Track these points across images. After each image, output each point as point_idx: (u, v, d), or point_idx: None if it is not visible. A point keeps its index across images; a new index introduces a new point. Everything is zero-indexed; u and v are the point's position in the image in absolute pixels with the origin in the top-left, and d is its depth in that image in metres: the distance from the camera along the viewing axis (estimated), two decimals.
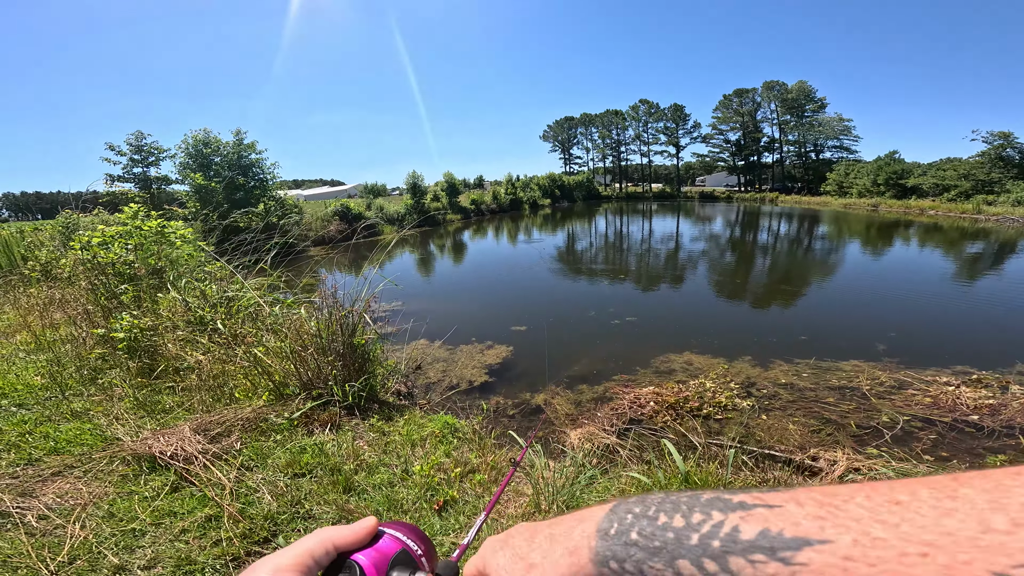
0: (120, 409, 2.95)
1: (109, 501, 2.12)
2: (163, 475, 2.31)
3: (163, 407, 3.10)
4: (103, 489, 2.18)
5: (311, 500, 2.27)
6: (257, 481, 2.32)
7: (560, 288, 10.48)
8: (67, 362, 3.65)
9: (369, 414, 3.43)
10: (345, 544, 0.43)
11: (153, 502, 2.12)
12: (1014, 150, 33.50)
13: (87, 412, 2.98)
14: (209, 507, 2.11)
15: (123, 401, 3.11)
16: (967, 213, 29.10)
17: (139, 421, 2.83)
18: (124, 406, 3.02)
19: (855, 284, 10.22)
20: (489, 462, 2.84)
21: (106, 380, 3.45)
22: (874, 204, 37.50)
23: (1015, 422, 3.86)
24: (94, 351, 3.69)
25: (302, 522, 2.12)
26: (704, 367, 5.28)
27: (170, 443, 2.33)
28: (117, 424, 2.75)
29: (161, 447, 2.31)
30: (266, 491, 2.24)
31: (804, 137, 58.02)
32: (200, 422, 2.62)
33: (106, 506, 2.09)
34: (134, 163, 17.87)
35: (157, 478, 2.29)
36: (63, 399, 3.14)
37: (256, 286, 4.39)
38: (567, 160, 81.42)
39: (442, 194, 33.11)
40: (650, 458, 3.03)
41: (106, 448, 2.45)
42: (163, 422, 2.85)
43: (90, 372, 3.55)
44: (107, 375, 3.53)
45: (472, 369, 5.41)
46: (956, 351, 5.64)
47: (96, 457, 2.37)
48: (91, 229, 4.84)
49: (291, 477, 2.45)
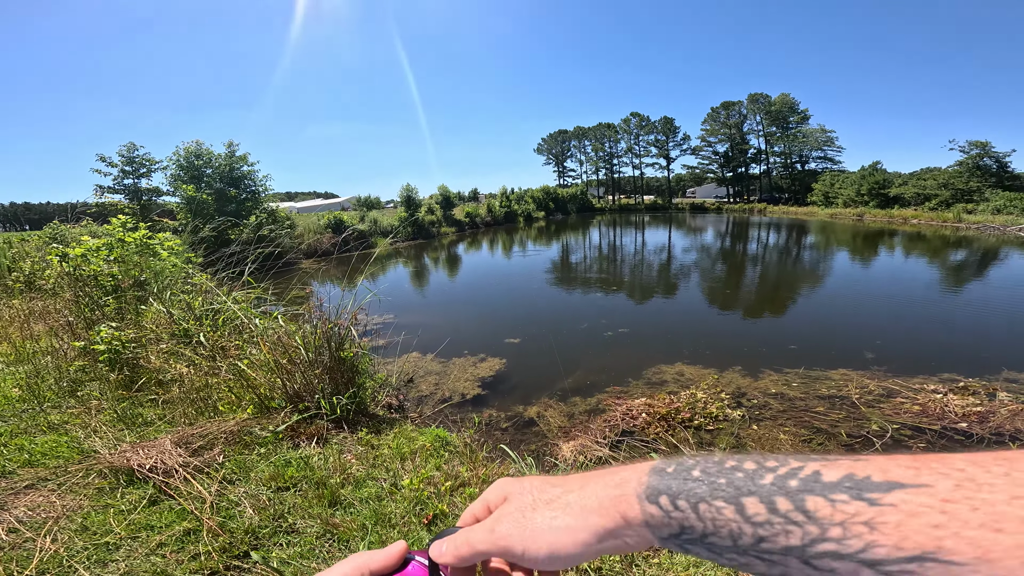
0: (99, 422, 2.88)
1: (83, 514, 2.06)
2: (141, 488, 2.25)
3: (144, 420, 3.03)
4: (77, 502, 2.12)
5: (295, 514, 2.21)
6: (239, 494, 2.27)
7: (554, 300, 10.50)
8: (46, 374, 3.57)
9: (358, 427, 3.38)
10: (379, 569, 0.42)
11: (129, 515, 2.06)
12: (991, 159, 34.39)
13: (64, 424, 2.90)
14: (188, 520, 2.05)
15: (102, 414, 3.04)
16: (948, 222, 29.70)
17: (118, 434, 2.76)
18: (103, 419, 2.95)
19: (842, 293, 10.35)
20: (480, 475, 2.80)
21: (85, 392, 3.37)
22: (859, 214, 38.18)
23: (1004, 429, 3.89)
24: (74, 363, 3.61)
25: (284, 536, 2.06)
26: (695, 378, 5.29)
27: (149, 456, 2.27)
28: (95, 437, 2.68)
29: (140, 460, 2.25)
30: (248, 504, 2.18)
31: (789, 148, 59.29)
32: (182, 435, 2.56)
33: (80, 519, 2.03)
34: (125, 174, 17.79)
35: (135, 491, 2.23)
36: (40, 411, 3.06)
37: (241, 298, 4.34)
38: (561, 173, 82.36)
39: (436, 207, 33.23)
40: None
41: (82, 461, 2.39)
42: (143, 435, 2.78)
43: (69, 384, 3.47)
44: (87, 387, 3.46)
45: (465, 382, 5.37)
46: (942, 359, 5.70)
47: (72, 470, 2.31)
48: (75, 241, 4.79)
49: (274, 491, 2.39)
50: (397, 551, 0.44)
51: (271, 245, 4.88)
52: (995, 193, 31.29)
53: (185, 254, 5.70)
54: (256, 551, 1.95)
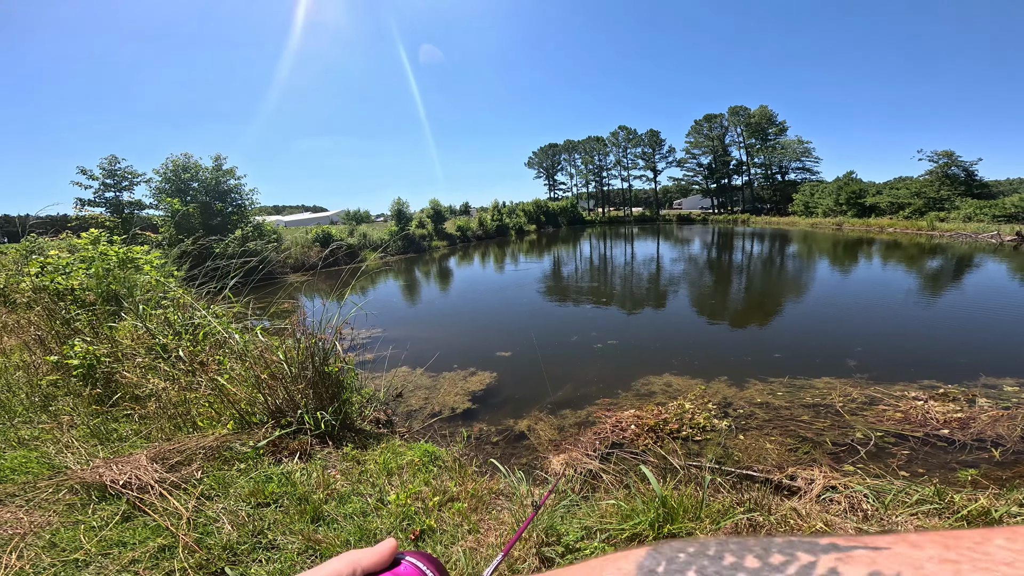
0: (71, 437, 2.78)
1: (52, 531, 1.98)
2: (114, 504, 2.18)
3: (119, 435, 2.94)
4: (46, 518, 2.04)
5: (275, 530, 2.15)
6: (217, 510, 2.20)
7: (544, 313, 10.51)
8: (17, 389, 3.45)
9: (343, 442, 3.32)
10: (370, 566, 0.42)
11: (101, 532, 1.99)
12: (958, 168, 35.79)
13: (35, 440, 2.80)
14: (163, 537, 1.98)
15: (75, 429, 2.94)
16: (923, 230, 30.64)
17: (91, 449, 2.67)
18: (76, 434, 2.85)
19: (824, 302, 10.55)
20: (469, 490, 2.76)
21: (58, 407, 3.27)
22: (838, 223, 39.17)
23: (985, 435, 3.96)
24: (47, 378, 3.50)
25: (264, 552, 2.00)
26: (683, 388, 5.31)
27: (123, 471, 2.20)
28: (67, 452, 2.59)
29: (113, 475, 2.18)
30: (226, 520, 2.11)
31: (769, 159, 60.86)
32: (158, 451, 2.49)
33: (48, 536, 1.95)
34: (106, 187, 17.48)
35: (107, 507, 2.15)
36: (11, 426, 2.96)
37: (222, 312, 4.27)
38: (552, 186, 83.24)
39: (428, 220, 33.27)
40: (629, 482, 3.00)
41: (52, 477, 2.30)
42: (117, 450, 2.69)
43: (41, 399, 3.36)
44: (59, 402, 3.35)
45: (455, 396, 5.31)
46: (921, 365, 5.82)
47: (41, 486, 2.22)
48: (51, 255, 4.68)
49: (254, 506, 2.32)
50: (387, 549, 0.43)
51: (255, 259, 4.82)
52: (965, 201, 32.53)
53: (166, 267, 5.60)
54: (233, 567, 1.88)
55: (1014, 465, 3.57)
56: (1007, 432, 3.96)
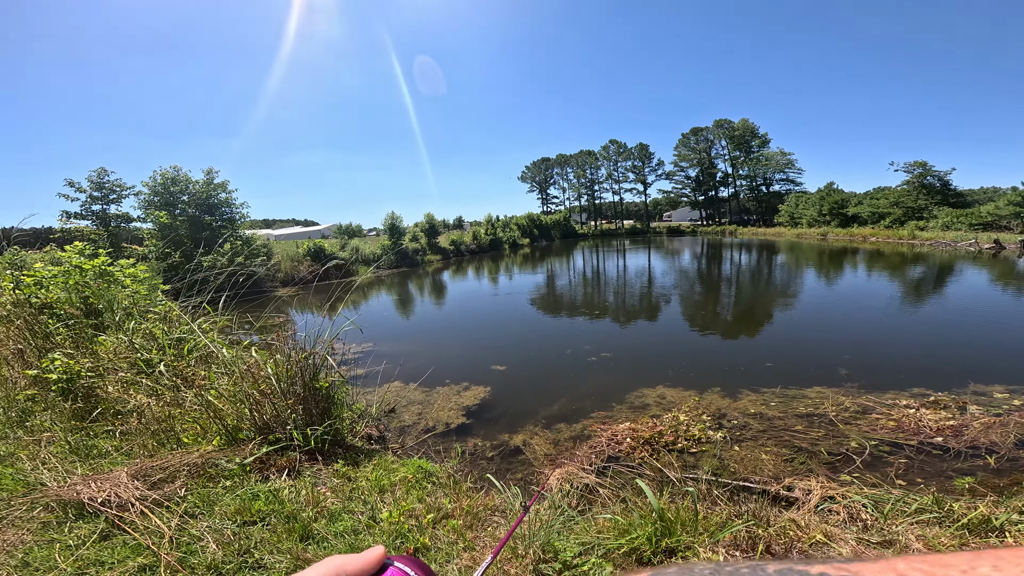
0: (48, 453, 2.67)
1: (25, 549, 1.90)
2: (92, 522, 2.08)
3: (99, 451, 2.83)
4: (19, 536, 1.95)
5: (262, 549, 2.06)
6: (202, 529, 2.11)
7: (539, 326, 10.49)
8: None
9: (334, 459, 3.24)
10: (354, 572, 0.41)
11: (77, 551, 1.89)
12: (933, 177, 36.90)
13: (11, 456, 2.69)
14: (144, 556, 1.89)
15: (53, 445, 2.83)
16: (904, 239, 31.37)
17: (69, 466, 2.57)
18: (54, 450, 2.74)
19: (813, 310, 10.67)
20: (464, 507, 2.69)
21: (35, 423, 3.14)
22: (823, 233, 39.99)
23: (979, 442, 3.97)
24: (24, 392, 3.37)
25: (250, 571, 1.92)
26: (677, 400, 5.29)
27: (102, 489, 2.10)
28: (43, 468, 2.48)
29: (91, 493, 2.08)
30: (211, 539, 2.02)
31: (754, 171, 62.27)
32: (140, 467, 2.39)
33: (20, 555, 1.86)
34: (94, 200, 17.24)
35: (84, 526, 2.06)
36: None
37: (208, 327, 4.18)
38: (544, 200, 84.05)
39: (421, 234, 33.25)
40: (626, 496, 2.95)
41: (28, 494, 2.20)
42: (97, 467, 2.59)
43: (19, 414, 3.24)
44: (37, 417, 3.22)
45: (449, 411, 5.23)
46: (911, 373, 5.87)
47: (15, 503, 2.12)
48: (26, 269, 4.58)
49: (240, 525, 2.23)
50: (375, 556, 0.42)
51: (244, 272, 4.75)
52: (942, 210, 33.52)
53: (151, 281, 5.49)
54: None
55: (1010, 472, 3.58)
56: (1000, 439, 3.98)
